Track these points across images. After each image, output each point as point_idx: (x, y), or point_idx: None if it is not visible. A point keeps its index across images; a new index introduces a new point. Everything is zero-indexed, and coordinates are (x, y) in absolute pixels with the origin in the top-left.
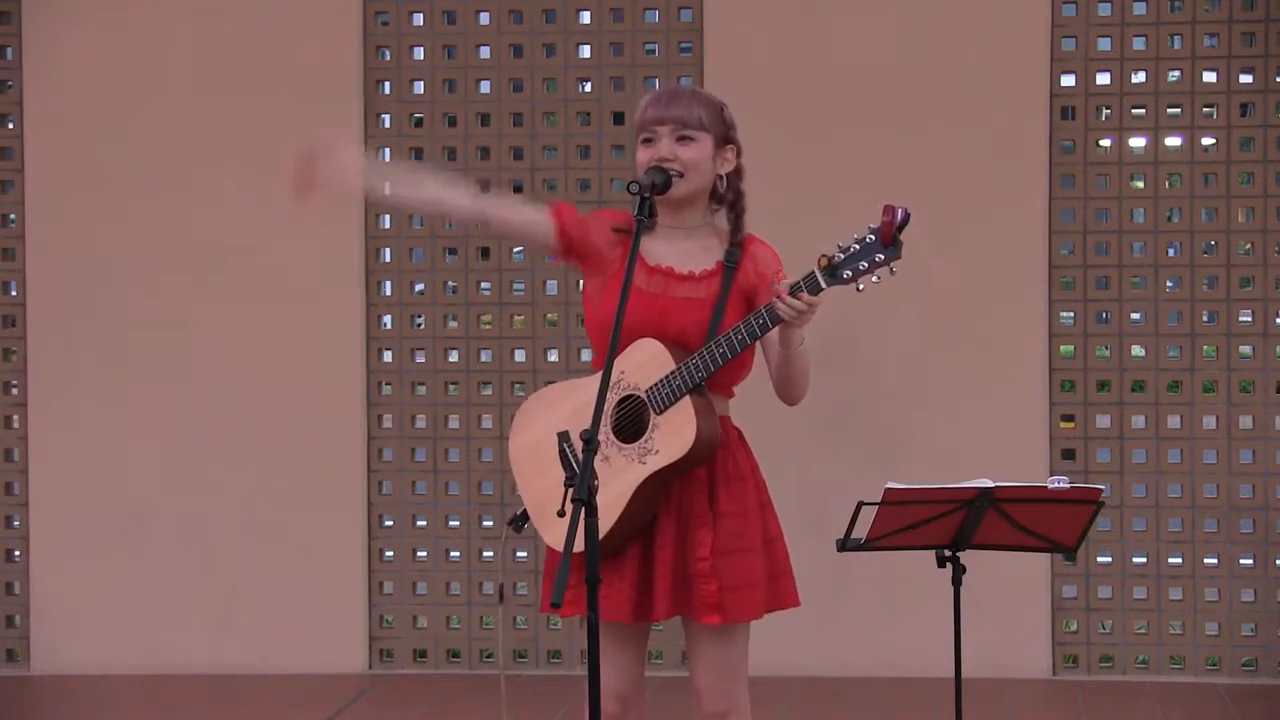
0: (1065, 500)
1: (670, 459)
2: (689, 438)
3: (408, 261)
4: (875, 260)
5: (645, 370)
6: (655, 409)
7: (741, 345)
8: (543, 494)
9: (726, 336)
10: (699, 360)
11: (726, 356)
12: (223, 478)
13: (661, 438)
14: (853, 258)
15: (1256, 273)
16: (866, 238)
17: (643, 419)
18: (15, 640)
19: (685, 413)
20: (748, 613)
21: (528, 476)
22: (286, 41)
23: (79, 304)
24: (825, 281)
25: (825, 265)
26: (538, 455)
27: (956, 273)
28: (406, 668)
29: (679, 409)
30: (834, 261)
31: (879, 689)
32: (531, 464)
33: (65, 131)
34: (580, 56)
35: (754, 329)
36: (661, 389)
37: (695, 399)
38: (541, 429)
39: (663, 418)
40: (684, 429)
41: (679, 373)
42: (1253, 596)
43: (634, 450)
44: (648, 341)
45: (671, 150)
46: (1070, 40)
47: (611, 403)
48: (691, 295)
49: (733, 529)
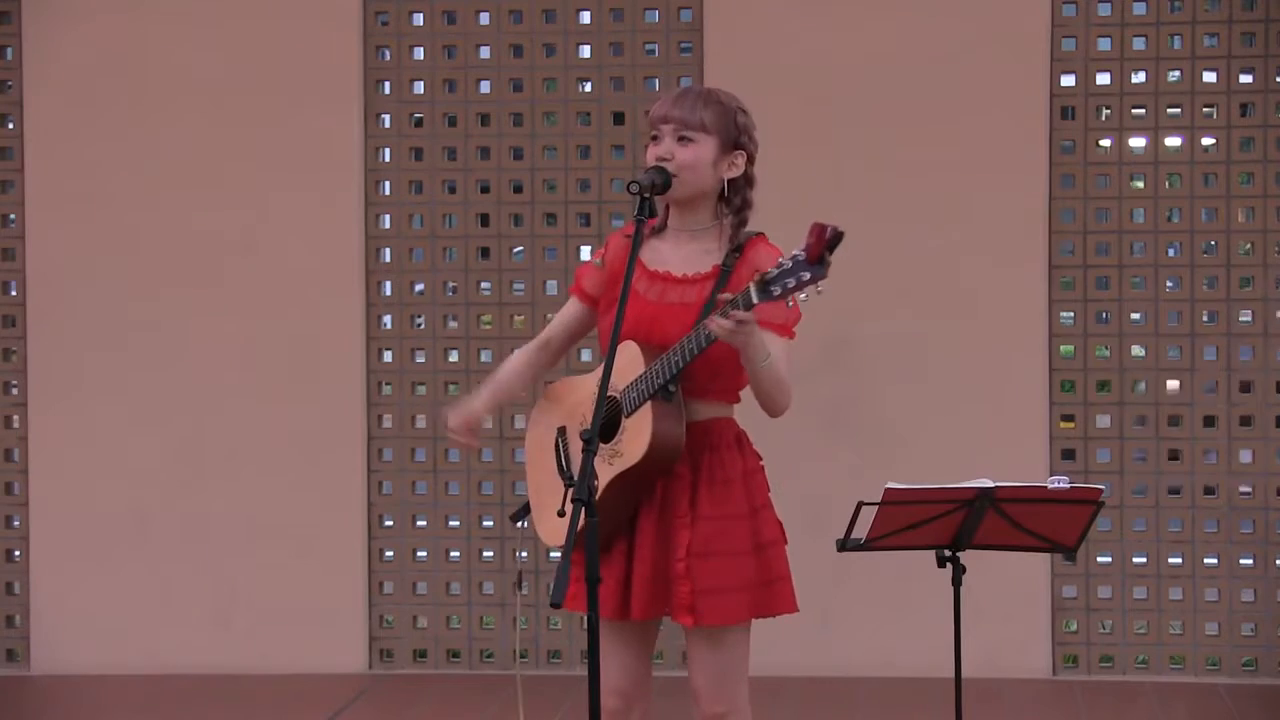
0: (1065, 500)
1: (630, 462)
2: (644, 441)
3: (408, 261)
4: (801, 279)
5: (624, 373)
6: (625, 411)
7: (685, 359)
8: (539, 487)
9: (678, 346)
10: (658, 366)
11: (685, 359)
12: (223, 478)
13: (628, 440)
14: (783, 275)
15: (1256, 273)
16: (796, 255)
17: (617, 420)
18: (15, 640)
19: (645, 417)
20: (724, 616)
21: (532, 470)
22: (286, 41)
23: (79, 304)
24: (757, 297)
25: (758, 281)
26: (539, 450)
27: (956, 272)
28: (406, 668)
29: (641, 413)
30: (766, 277)
31: (879, 689)
32: (534, 458)
33: (65, 131)
34: (580, 56)
35: (693, 347)
36: (631, 392)
37: (656, 404)
38: (545, 424)
39: (630, 420)
40: (643, 433)
41: (644, 377)
42: (1253, 596)
43: (606, 451)
44: (628, 344)
45: (670, 149)
46: (1070, 40)
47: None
48: (680, 300)
49: (711, 532)
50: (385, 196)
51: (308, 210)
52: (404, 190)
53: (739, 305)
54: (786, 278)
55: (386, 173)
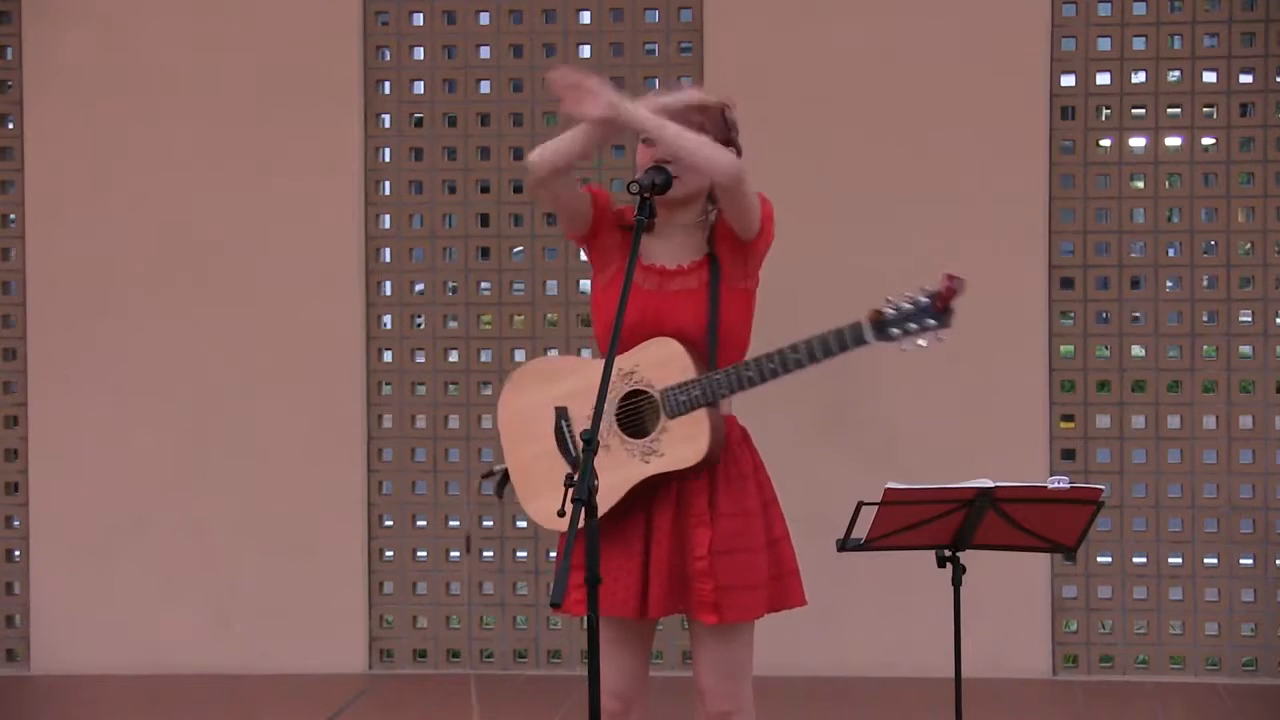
0: (1065, 500)
1: (675, 466)
2: (699, 449)
3: (408, 261)
4: (925, 324)
5: (662, 370)
6: (668, 412)
7: (771, 375)
8: (531, 462)
9: (758, 363)
10: (725, 379)
11: (754, 382)
12: (223, 478)
13: (670, 442)
14: (903, 318)
15: (1256, 273)
16: (920, 300)
17: (650, 417)
18: (15, 640)
19: (700, 424)
20: (745, 613)
21: (516, 443)
22: (286, 41)
23: (79, 304)
24: (872, 337)
25: (875, 320)
26: (529, 423)
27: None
28: (406, 668)
29: (694, 419)
30: (884, 318)
31: (879, 689)
32: (521, 431)
33: (65, 131)
34: (580, 56)
35: (789, 360)
36: (679, 394)
37: (711, 412)
38: (538, 399)
39: (675, 422)
40: (697, 439)
41: (703, 385)
42: (1253, 596)
43: (638, 447)
44: (667, 341)
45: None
46: (1070, 40)
47: (620, 392)
48: (682, 288)
49: (732, 529)
50: (385, 196)
51: (308, 210)
52: (404, 190)
53: (846, 340)
54: (907, 321)
55: (386, 173)
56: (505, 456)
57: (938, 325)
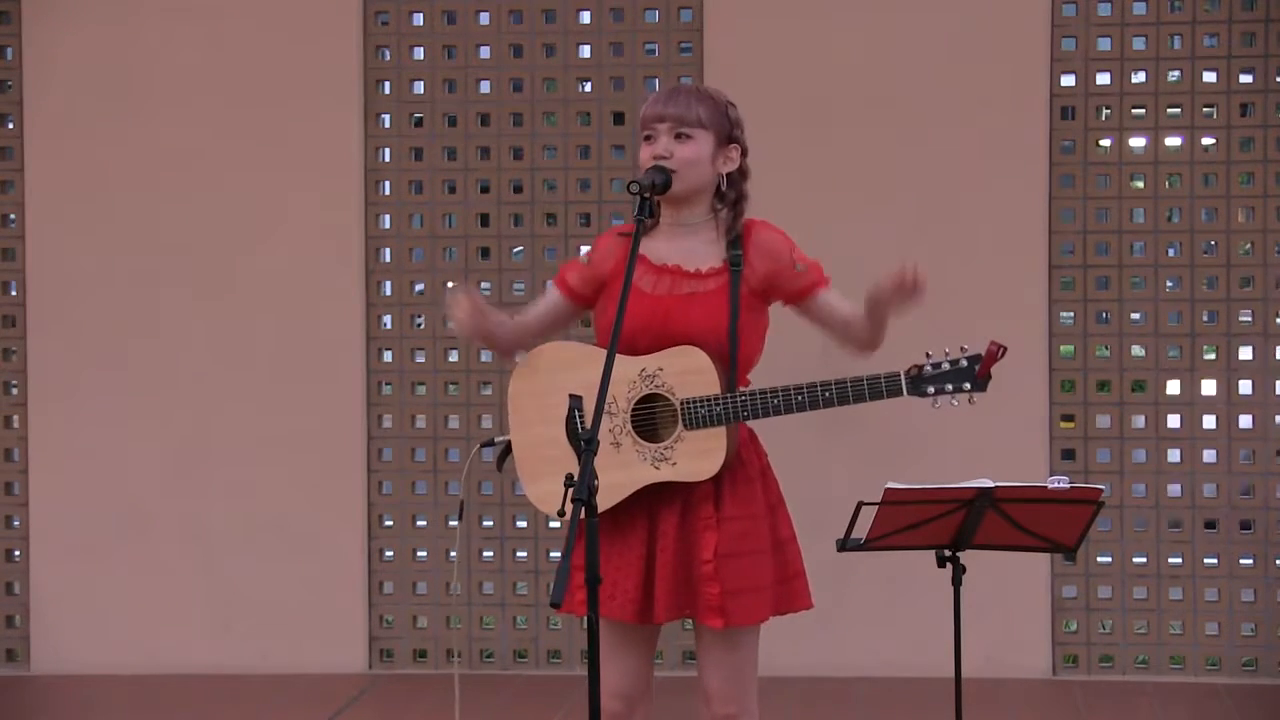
0: (1065, 500)
1: (687, 478)
2: (714, 465)
3: (408, 261)
4: (961, 387)
5: (687, 380)
6: (688, 423)
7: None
8: (537, 442)
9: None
10: (751, 403)
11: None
12: (223, 478)
13: (684, 452)
14: (941, 377)
15: (1256, 273)
16: (961, 364)
17: (666, 423)
18: (15, 640)
19: (717, 439)
20: (751, 616)
21: (526, 423)
22: (286, 41)
23: (79, 304)
24: (907, 390)
25: (914, 375)
26: (543, 406)
27: (956, 273)
28: (406, 668)
29: (712, 434)
30: (922, 374)
31: (879, 689)
32: (534, 412)
33: (65, 131)
34: (580, 56)
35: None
36: (702, 409)
37: (731, 429)
38: (556, 383)
39: (693, 434)
40: (713, 454)
41: (727, 405)
42: (1253, 596)
43: (649, 450)
44: (695, 351)
45: (668, 147)
46: (1070, 40)
47: (640, 393)
48: (698, 290)
49: (738, 532)
50: (385, 196)
51: (308, 210)
52: (404, 190)
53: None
54: (944, 381)
55: (386, 173)
56: (511, 431)
57: (973, 389)
